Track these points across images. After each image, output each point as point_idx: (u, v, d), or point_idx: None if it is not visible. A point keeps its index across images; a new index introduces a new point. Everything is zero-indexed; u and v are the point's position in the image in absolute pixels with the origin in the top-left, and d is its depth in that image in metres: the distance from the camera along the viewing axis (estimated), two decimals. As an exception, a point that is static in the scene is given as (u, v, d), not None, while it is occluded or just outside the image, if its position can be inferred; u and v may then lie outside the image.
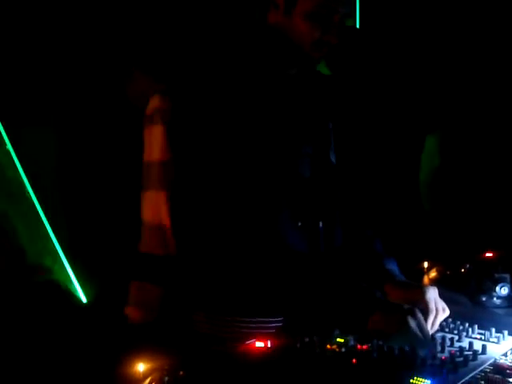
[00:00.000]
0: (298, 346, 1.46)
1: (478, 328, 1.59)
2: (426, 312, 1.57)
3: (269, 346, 1.45)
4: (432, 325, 1.58)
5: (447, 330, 1.61)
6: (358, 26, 3.13)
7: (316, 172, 1.77)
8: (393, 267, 1.77)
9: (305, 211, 1.72)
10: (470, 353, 1.43)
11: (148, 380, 1.27)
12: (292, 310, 1.61)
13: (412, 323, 1.45)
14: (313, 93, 1.82)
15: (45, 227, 3.00)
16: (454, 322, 1.63)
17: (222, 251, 1.60)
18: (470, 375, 1.35)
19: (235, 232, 1.58)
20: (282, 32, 1.65)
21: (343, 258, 1.81)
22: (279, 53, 1.69)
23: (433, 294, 1.61)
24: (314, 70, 1.79)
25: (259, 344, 1.45)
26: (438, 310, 1.60)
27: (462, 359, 1.40)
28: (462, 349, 1.45)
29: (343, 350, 1.45)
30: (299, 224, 1.70)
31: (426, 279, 1.99)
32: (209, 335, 1.69)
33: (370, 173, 2.89)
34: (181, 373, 1.28)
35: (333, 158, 1.86)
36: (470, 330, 1.58)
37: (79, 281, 3.03)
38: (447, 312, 1.63)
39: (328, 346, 1.46)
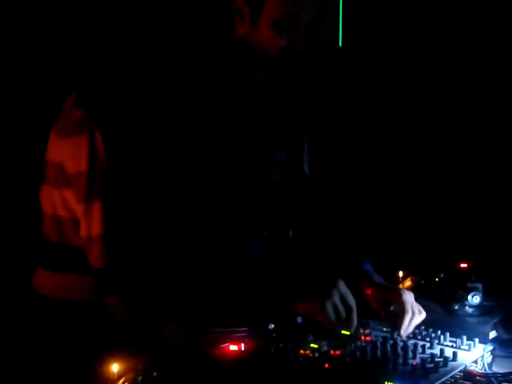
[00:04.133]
0: (272, 350, 1.47)
1: (450, 336, 1.61)
2: (401, 313, 1.62)
3: (243, 349, 1.47)
4: (408, 326, 1.61)
5: (419, 337, 1.62)
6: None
7: (287, 179, 1.79)
8: (369, 268, 1.81)
9: (272, 220, 1.74)
10: (441, 359, 1.46)
11: (122, 380, 1.28)
12: (261, 318, 1.62)
13: (328, 305, 1.50)
14: (285, 98, 1.84)
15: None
16: (426, 329, 1.65)
17: (186, 260, 1.60)
18: (440, 381, 1.37)
19: (201, 240, 1.59)
20: (248, 41, 1.66)
21: (315, 263, 1.84)
22: (246, 60, 1.70)
23: (409, 297, 1.65)
24: (285, 76, 1.80)
25: (233, 347, 1.46)
26: (414, 313, 1.63)
27: (432, 365, 1.42)
28: (433, 355, 1.47)
29: (316, 355, 1.47)
30: (265, 233, 1.72)
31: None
32: (176, 346, 1.68)
33: (344, 181, 2.91)
34: (154, 374, 1.29)
35: (306, 167, 1.87)
36: (442, 337, 1.60)
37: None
38: (423, 315, 1.66)
39: (301, 351, 1.47)
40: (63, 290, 1.79)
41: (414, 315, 1.63)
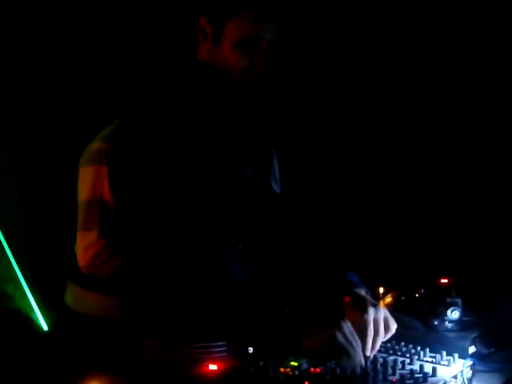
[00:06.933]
0: (252, 369, 1.47)
1: (430, 351, 1.62)
2: (364, 334, 1.54)
3: (222, 368, 1.46)
4: (372, 347, 1.55)
5: (399, 353, 1.63)
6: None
7: (256, 196, 1.81)
8: (355, 280, 1.79)
9: (246, 235, 1.76)
10: (421, 375, 1.47)
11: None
12: (235, 333, 1.61)
13: (339, 337, 1.44)
14: (250, 117, 1.87)
15: (6, 255, 2.99)
16: (406, 345, 1.66)
17: (163, 277, 1.59)
18: (419, 397, 1.38)
19: (177, 257, 1.58)
20: (211, 61, 1.70)
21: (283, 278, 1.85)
22: (210, 80, 1.73)
23: (372, 316, 1.58)
24: (248, 95, 1.83)
25: (213, 367, 1.46)
26: (378, 332, 1.57)
27: (412, 382, 1.43)
28: (412, 371, 1.48)
29: (296, 372, 1.47)
30: (239, 247, 1.73)
31: (381, 304, 2.02)
32: (154, 364, 1.68)
33: (322, 197, 2.92)
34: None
35: (274, 184, 1.89)
36: (422, 353, 1.61)
37: (40, 308, 3.01)
38: (392, 331, 1.61)
39: (282, 369, 1.47)
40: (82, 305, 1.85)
41: (378, 335, 1.57)
